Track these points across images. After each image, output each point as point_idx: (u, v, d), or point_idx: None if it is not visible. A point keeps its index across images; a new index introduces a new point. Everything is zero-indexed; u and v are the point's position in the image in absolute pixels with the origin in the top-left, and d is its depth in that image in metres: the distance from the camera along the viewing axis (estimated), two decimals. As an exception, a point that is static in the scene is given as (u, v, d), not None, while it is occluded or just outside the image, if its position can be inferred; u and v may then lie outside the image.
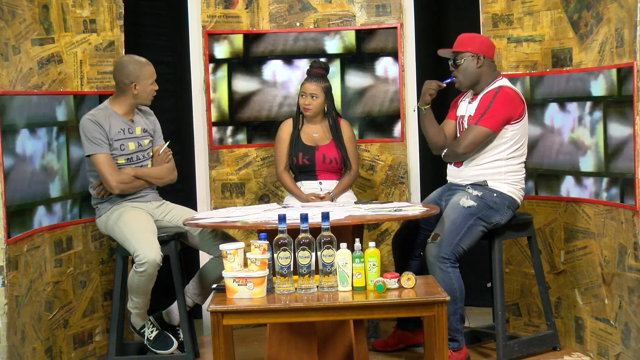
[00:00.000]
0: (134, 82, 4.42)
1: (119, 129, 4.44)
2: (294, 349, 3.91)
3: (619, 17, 4.14)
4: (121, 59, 4.52)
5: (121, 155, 4.44)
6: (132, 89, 4.43)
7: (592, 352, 4.53)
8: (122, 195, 4.45)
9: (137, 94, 4.45)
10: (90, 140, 4.37)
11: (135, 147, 4.49)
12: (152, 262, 4.21)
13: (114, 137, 4.41)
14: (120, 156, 4.44)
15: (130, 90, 4.44)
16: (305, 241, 3.50)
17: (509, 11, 4.90)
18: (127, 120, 4.48)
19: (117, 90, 4.49)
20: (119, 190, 4.40)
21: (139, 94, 4.45)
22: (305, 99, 4.88)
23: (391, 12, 5.28)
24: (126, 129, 4.46)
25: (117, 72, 4.46)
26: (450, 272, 4.27)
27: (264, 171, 5.32)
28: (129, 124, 4.49)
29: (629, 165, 4.09)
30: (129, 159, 4.47)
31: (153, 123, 4.63)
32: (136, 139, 4.50)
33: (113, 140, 4.40)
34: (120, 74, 4.44)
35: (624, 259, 4.18)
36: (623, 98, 4.13)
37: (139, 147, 4.51)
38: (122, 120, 4.46)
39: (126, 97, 4.46)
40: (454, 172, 4.54)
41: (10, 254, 3.98)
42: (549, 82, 4.71)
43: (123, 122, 4.46)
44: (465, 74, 4.47)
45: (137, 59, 4.48)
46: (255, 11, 5.27)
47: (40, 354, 4.33)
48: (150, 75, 4.48)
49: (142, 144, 4.52)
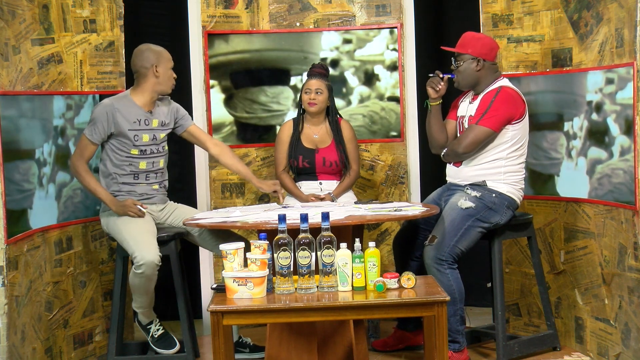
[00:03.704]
0: (155, 64, 4.38)
1: (135, 119, 4.39)
2: (294, 349, 3.91)
3: (619, 17, 4.14)
4: (138, 48, 4.47)
5: (135, 146, 4.40)
6: (154, 72, 4.39)
7: (592, 352, 4.53)
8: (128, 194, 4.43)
9: (159, 78, 4.39)
10: (93, 125, 4.34)
11: (150, 140, 4.44)
12: (149, 263, 4.21)
13: (128, 126, 4.36)
14: (134, 147, 4.40)
15: (151, 74, 4.39)
16: (305, 241, 3.50)
17: (509, 11, 4.90)
18: (146, 112, 4.44)
19: (138, 79, 4.44)
20: (72, 169, 4.42)
21: (160, 77, 4.40)
22: (310, 94, 4.87)
23: (391, 12, 5.28)
24: (142, 120, 4.41)
25: (137, 59, 4.42)
26: (448, 274, 4.27)
27: (264, 171, 5.32)
28: (147, 115, 4.44)
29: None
30: (143, 151, 4.42)
31: (175, 110, 4.57)
32: (152, 131, 4.45)
33: (127, 130, 4.35)
34: (140, 59, 4.40)
35: (624, 259, 4.18)
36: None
37: (154, 140, 4.46)
38: (140, 110, 4.41)
39: (147, 84, 4.41)
40: (453, 172, 4.54)
41: (10, 254, 3.98)
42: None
43: (141, 113, 4.41)
44: (463, 75, 4.47)
45: (154, 46, 4.46)
46: (255, 11, 5.27)
47: (40, 354, 4.33)
48: (169, 59, 4.45)
49: (157, 137, 4.47)
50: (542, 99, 4.79)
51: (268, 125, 5.33)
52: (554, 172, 4.77)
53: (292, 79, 5.32)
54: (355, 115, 5.32)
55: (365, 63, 5.33)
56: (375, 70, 5.32)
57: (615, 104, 4.23)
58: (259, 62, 5.31)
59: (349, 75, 5.32)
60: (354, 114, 5.32)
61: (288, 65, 5.32)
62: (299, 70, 5.29)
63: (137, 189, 4.45)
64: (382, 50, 5.29)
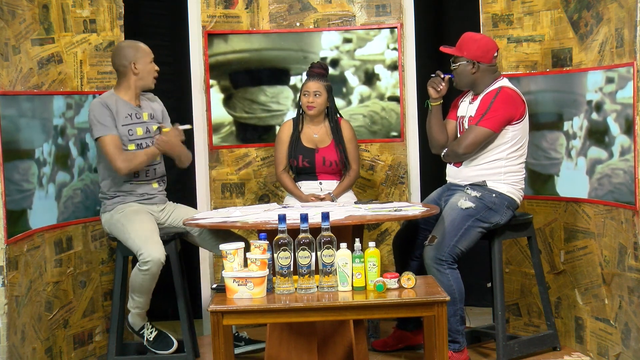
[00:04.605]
0: (132, 62, 4.39)
1: (126, 114, 4.40)
2: (294, 349, 3.91)
3: (619, 17, 4.14)
4: (116, 45, 4.52)
5: (130, 141, 4.40)
6: (132, 69, 4.40)
7: (592, 352, 4.53)
8: (129, 194, 4.43)
9: (138, 74, 4.41)
10: (99, 122, 4.33)
11: (144, 133, 4.45)
12: (156, 261, 4.20)
13: (121, 122, 4.37)
14: (130, 142, 4.40)
15: (130, 71, 4.41)
16: (305, 241, 3.49)
17: (509, 11, 4.90)
18: (134, 106, 4.45)
19: (119, 76, 4.46)
20: (127, 169, 4.34)
21: (139, 73, 4.41)
22: (308, 97, 4.87)
23: (391, 12, 5.28)
24: (133, 114, 4.43)
25: (115, 58, 4.44)
26: (448, 274, 4.27)
27: (264, 171, 5.32)
28: (136, 110, 4.45)
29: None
30: (139, 145, 4.42)
31: (160, 107, 4.59)
32: (144, 124, 4.46)
33: (121, 125, 4.37)
34: (118, 57, 4.42)
35: (624, 259, 4.18)
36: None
37: (147, 132, 4.46)
38: (129, 105, 4.42)
39: (128, 80, 4.43)
40: (453, 172, 4.54)
41: (10, 254, 3.98)
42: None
43: (130, 108, 4.42)
44: (460, 77, 4.49)
45: (131, 41, 4.48)
46: (255, 11, 5.27)
47: (40, 354, 4.32)
48: (147, 53, 4.45)
49: (150, 130, 4.48)
50: (542, 99, 4.79)
51: (268, 125, 5.33)
52: (553, 172, 4.76)
53: (292, 78, 5.32)
54: (356, 116, 5.32)
55: (365, 62, 5.33)
56: (376, 69, 5.32)
57: (615, 103, 4.23)
58: (259, 62, 5.31)
59: (349, 74, 5.32)
60: (354, 114, 5.31)
61: (288, 65, 5.32)
62: (299, 70, 5.29)
63: (137, 189, 4.44)
64: (383, 50, 5.29)
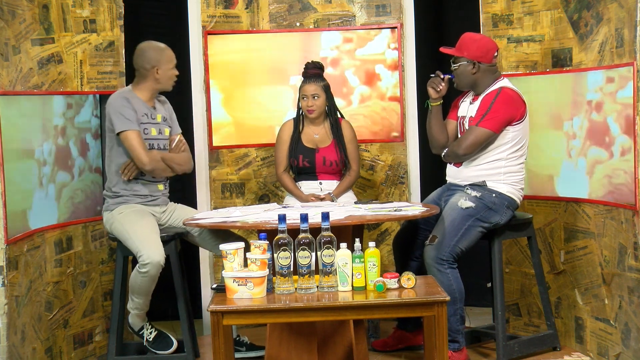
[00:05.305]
0: (156, 67, 4.41)
1: (142, 112, 4.41)
2: (294, 349, 3.91)
3: (619, 17, 4.14)
4: (140, 46, 4.49)
5: (145, 140, 4.40)
6: (154, 74, 4.41)
7: (592, 352, 4.53)
8: (133, 195, 4.42)
9: (159, 79, 4.43)
10: (122, 116, 4.33)
11: (157, 134, 4.46)
12: (155, 263, 4.20)
13: (139, 120, 4.37)
14: (145, 140, 4.40)
15: (152, 75, 4.42)
16: (305, 241, 3.49)
17: (509, 11, 4.90)
18: (150, 107, 4.46)
19: (139, 77, 4.46)
20: (151, 167, 4.34)
21: (160, 78, 4.43)
22: (307, 100, 4.86)
23: (391, 12, 5.28)
24: (149, 114, 4.44)
25: (138, 58, 4.44)
26: (449, 274, 4.27)
27: (264, 171, 5.32)
28: (152, 110, 4.47)
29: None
30: (151, 145, 4.43)
31: (169, 111, 4.60)
32: (158, 126, 4.48)
33: (139, 123, 4.37)
34: (142, 59, 4.43)
35: (624, 259, 4.18)
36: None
37: (160, 134, 4.48)
38: (145, 105, 4.44)
39: (148, 83, 4.44)
40: (453, 173, 4.54)
41: (10, 254, 3.98)
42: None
43: (146, 107, 4.44)
44: (460, 78, 4.49)
45: (156, 44, 4.47)
46: (255, 11, 5.27)
47: (40, 354, 4.33)
48: (170, 59, 4.47)
49: (162, 132, 4.50)
50: (542, 99, 4.79)
51: (267, 126, 5.33)
52: (553, 172, 4.76)
53: (292, 78, 5.32)
54: (356, 116, 5.32)
55: (366, 62, 5.33)
56: (376, 69, 5.31)
57: (615, 103, 4.23)
58: (259, 62, 5.31)
59: (349, 74, 5.32)
60: (355, 114, 5.31)
61: (288, 65, 5.32)
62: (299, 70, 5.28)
63: (144, 189, 4.44)
64: (383, 50, 5.29)
